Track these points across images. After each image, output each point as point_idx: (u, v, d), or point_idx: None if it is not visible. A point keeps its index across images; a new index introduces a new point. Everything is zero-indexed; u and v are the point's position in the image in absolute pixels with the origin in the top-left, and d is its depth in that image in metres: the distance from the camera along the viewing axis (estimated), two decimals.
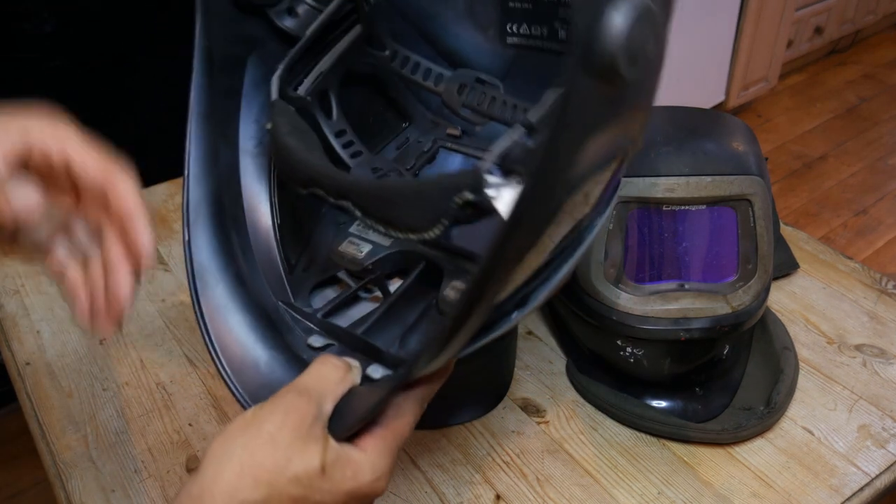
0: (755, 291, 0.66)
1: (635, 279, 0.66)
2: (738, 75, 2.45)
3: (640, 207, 0.65)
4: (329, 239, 0.62)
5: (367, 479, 0.41)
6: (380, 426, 0.42)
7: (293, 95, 0.59)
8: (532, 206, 0.33)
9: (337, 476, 0.40)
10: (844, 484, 0.63)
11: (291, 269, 0.59)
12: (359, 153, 0.61)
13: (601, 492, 0.63)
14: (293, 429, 0.40)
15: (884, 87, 2.89)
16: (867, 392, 0.71)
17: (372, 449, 0.42)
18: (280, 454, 0.39)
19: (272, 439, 0.39)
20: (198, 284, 0.53)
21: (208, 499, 0.38)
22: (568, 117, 0.31)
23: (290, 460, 0.39)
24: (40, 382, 0.73)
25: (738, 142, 0.67)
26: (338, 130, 0.62)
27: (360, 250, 0.60)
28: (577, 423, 0.69)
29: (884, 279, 0.84)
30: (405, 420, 0.43)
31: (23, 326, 0.80)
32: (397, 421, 0.43)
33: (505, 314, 0.44)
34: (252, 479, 0.38)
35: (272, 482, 0.39)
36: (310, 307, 0.57)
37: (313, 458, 0.40)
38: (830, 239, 2.13)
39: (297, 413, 0.41)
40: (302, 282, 0.60)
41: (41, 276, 0.87)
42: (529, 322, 0.80)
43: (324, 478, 0.40)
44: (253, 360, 0.52)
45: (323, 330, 0.55)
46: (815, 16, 2.73)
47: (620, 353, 0.68)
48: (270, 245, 0.59)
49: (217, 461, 0.39)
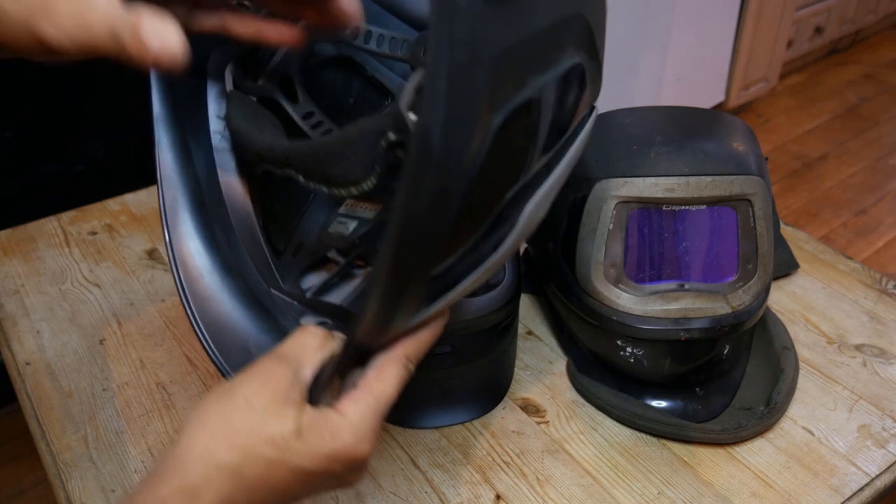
0: (755, 291, 0.66)
1: (635, 279, 0.66)
2: (738, 75, 2.45)
3: (640, 207, 0.65)
4: (320, 223, 0.62)
5: (347, 442, 0.40)
6: (359, 389, 0.42)
7: (250, 85, 0.58)
8: (447, 136, 0.32)
9: (314, 438, 0.39)
10: (844, 484, 0.63)
11: (279, 256, 0.59)
12: (329, 132, 0.61)
13: (601, 492, 0.63)
14: (269, 393, 0.40)
15: (884, 87, 2.89)
16: (867, 392, 0.71)
17: (352, 412, 0.41)
18: (255, 417, 0.39)
19: (247, 403, 0.39)
20: (184, 279, 0.53)
21: (183, 464, 0.38)
22: (456, 33, 0.31)
23: (265, 423, 0.39)
24: (40, 382, 0.73)
25: (738, 142, 0.67)
26: (305, 113, 0.61)
27: (347, 228, 0.59)
28: (577, 423, 0.69)
29: (884, 279, 0.84)
30: (387, 382, 0.42)
31: (23, 326, 0.80)
32: (379, 383, 0.42)
33: (480, 259, 0.42)
34: (227, 442, 0.38)
35: (247, 445, 0.38)
36: (300, 290, 0.57)
37: (288, 420, 0.39)
38: (830, 239, 2.13)
39: (274, 377, 0.40)
40: (291, 267, 0.59)
41: (41, 275, 0.87)
42: (529, 322, 0.80)
43: (300, 440, 0.39)
44: (246, 345, 0.52)
45: (313, 309, 0.55)
46: (815, 16, 2.73)
47: (620, 353, 0.68)
48: (256, 235, 0.58)
49: (193, 428, 0.39)
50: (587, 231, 0.66)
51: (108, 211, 0.98)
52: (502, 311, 0.70)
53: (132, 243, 0.92)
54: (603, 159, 0.67)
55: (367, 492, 0.63)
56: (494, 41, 0.34)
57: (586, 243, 0.66)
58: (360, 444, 0.40)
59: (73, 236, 0.93)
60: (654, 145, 0.65)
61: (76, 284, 0.85)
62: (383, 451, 0.67)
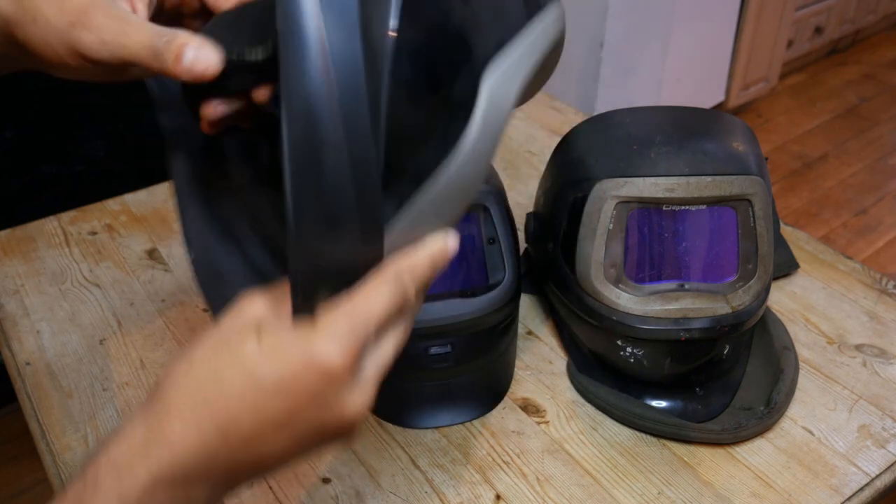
0: (755, 291, 0.66)
1: (635, 279, 0.66)
2: (738, 75, 2.45)
3: (640, 207, 0.65)
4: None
5: (315, 345, 0.36)
6: (339, 303, 0.38)
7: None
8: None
9: (277, 346, 0.37)
10: (844, 484, 0.63)
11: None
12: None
13: (601, 492, 0.63)
14: (238, 321, 0.38)
15: (884, 87, 2.89)
16: (867, 392, 0.71)
17: (322, 318, 0.37)
18: (220, 343, 0.38)
19: (215, 335, 0.38)
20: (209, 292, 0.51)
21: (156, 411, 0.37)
22: None
23: (228, 344, 0.37)
24: (40, 382, 0.73)
25: (738, 142, 0.67)
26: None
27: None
28: (577, 423, 0.69)
29: (884, 279, 0.84)
30: (371, 295, 0.38)
31: (23, 326, 0.80)
32: (361, 296, 0.38)
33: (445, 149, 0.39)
34: (195, 377, 0.37)
35: (213, 371, 0.37)
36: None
37: (251, 337, 0.37)
38: (830, 239, 2.13)
39: (245, 308, 0.39)
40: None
41: (41, 275, 0.87)
42: (529, 322, 0.80)
43: (263, 352, 0.37)
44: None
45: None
46: (815, 16, 2.73)
47: (620, 353, 0.68)
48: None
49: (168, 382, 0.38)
50: (587, 231, 0.66)
51: (108, 211, 0.98)
52: (502, 311, 0.70)
53: (132, 243, 0.92)
54: (603, 159, 0.67)
55: (367, 492, 0.63)
56: None
57: (586, 243, 0.66)
58: (331, 347, 0.36)
59: (73, 236, 0.93)
60: (654, 145, 0.65)
61: (76, 284, 0.85)
62: (383, 450, 0.67)
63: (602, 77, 2.00)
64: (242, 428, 0.36)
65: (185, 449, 0.36)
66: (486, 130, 0.40)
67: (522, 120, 1.16)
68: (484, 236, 0.70)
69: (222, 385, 0.37)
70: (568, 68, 2.01)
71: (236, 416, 0.36)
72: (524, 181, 1.02)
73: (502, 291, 0.69)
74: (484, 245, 0.70)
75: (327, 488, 0.63)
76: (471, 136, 0.39)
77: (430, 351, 0.68)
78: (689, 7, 2.09)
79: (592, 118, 0.75)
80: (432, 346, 0.68)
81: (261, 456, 0.38)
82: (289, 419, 0.37)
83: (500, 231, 0.70)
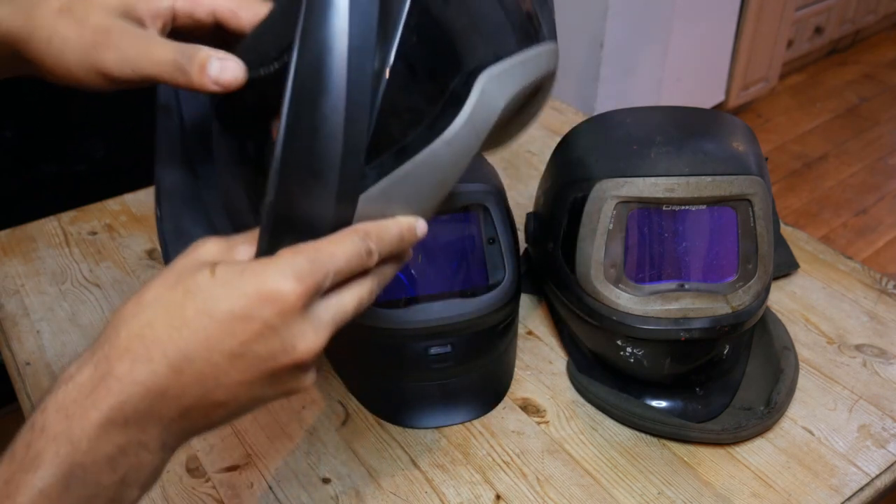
0: (755, 291, 0.66)
1: (635, 279, 0.66)
2: (738, 75, 2.45)
3: (640, 207, 0.65)
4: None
5: (266, 275, 0.36)
6: (301, 246, 0.39)
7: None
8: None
9: (229, 276, 0.37)
10: (844, 484, 0.63)
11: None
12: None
13: (601, 492, 0.63)
14: (188, 258, 0.39)
15: (884, 87, 2.89)
16: (867, 392, 0.71)
17: (282, 257, 0.37)
18: (170, 277, 0.38)
19: (164, 273, 0.39)
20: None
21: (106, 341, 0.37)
22: None
23: (179, 278, 0.38)
24: (40, 382, 0.73)
25: (738, 142, 0.67)
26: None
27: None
28: (577, 423, 0.69)
29: (884, 279, 0.84)
30: (335, 244, 0.39)
31: (23, 326, 0.80)
32: (325, 242, 0.39)
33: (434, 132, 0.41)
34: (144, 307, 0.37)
35: (160, 300, 0.37)
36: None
37: (205, 269, 0.37)
38: (830, 239, 2.13)
39: (199, 248, 0.40)
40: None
41: (41, 275, 0.87)
42: (529, 322, 0.80)
43: (214, 280, 0.37)
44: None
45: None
46: (815, 16, 2.73)
47: (620, 353, 0.68)
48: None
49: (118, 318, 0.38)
50: (587, 231, 0.66)
51: (108, 211, 0.98)
52: (502, 311, 0.70)
53: (132, 243, 0.92)
54: (603, 159, 0.67)
55: (367, 492, 0.63)
56: None
57: (586, 243, 0.66)
58: (284, 280, 0.36)
59: (73, 236, 0.93)
60: (654, 145, 0.65)
61: (76, 284, 0.85)
62: (383, 450, 0.67)
63: (602, 77, 2.00)
64: (194, 360, 0.36)
65: (134, 386, 0.36)
66: (472, 124, 0.41)
67: None
68: (484, 236, 0.70)
69: (172, 318, 0.36)
70: (568, 68, 2.01)
71: (187, 349, 0.36)
72: (524, 181, 1.02)
73: (502, 291, 0.69)
74: (484, 245, 0.70)
75: (327, 488, 0.63)
76: (457, 125, 0.41)
77: (430, 351, 0.68)
78: (689, 7, 2.09)
79: (592, 118, 0.75)
80: (432, 346, 0.68)
81: (213, 392, 0.37)
82: (240, 350, 0.37)
83: (500, 231, 0.70)
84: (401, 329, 0.67)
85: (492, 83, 0.42)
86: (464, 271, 0.70)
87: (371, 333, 0.68)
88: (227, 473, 0.64)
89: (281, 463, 0.65)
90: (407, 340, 0.68)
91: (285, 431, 0.68)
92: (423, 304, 0.67)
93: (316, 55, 0.36)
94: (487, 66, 0.42)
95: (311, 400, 0.71)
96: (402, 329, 0.67)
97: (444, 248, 0.70)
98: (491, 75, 0.42)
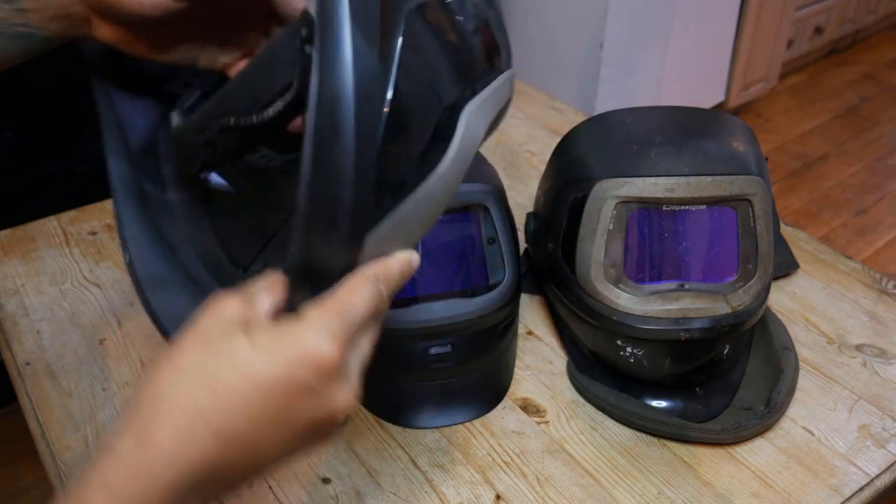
0: (755, 291, 0.66)
1: (635, 279, 0.66)
2: (738, 75, 2.45)
3: (640, 207, 0.65)
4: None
5: (307, 339, 0.37)
6: (322, 298, 0.39)
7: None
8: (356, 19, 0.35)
9: (269, 342, 0.37)
10: (844, 484, 0.63)
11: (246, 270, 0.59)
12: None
13: (601, 492, 0.63)
14: (220, 320, 0.38)
15: (884, 87, 2.89)
16: (867, 392, 0.71)
17: (312, 313, 0.38)
18: (207, 347, 0.37)
19: (197, 336, 0.38)
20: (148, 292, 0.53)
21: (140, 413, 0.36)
22: None
23: (217, 346, 0.37)
24: (40, 382, 0.73)
25: (738, 142, 0.67)
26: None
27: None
28: (577, 423, 0.69)
29: (884, 279, 0.84)
30: (355, 292, 0.39)
31: (23, 326, 0.80)
32: (345, 292, 0.39)
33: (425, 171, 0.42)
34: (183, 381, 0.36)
35: (200, 370, 0.36)
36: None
37: (240, 336, 0.37)
38: (830, 239, 2.13)
39: (223, 306, 0.39)
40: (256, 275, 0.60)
41: (41, 275, 0.87)
42: (529, 322, 0.80)
43: (254, 349, 0.37)
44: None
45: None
46: (815, 16, 2.73)
47: (620, 353, 0.68)
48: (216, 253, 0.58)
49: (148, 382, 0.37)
50: (587, 231, 0.66)
51: (108, 211, 0.98)
52: (502, 311, 0.70)
53: None
54: (603, 159, 0.67)
55: (367, 492, 0.63)
56: None
57: (586, 243, 0.66)
58: (323, 341, 0.37)
59: (73, 236, 0.93)
60: (654, 145, 0.65)
61: (76, 284, 0.85)
62: (383, 450, 0.67)
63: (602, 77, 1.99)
64: (239, 429, 0.36)
65: (182, 465, 0.35)
66: (460, 157, 0.43)
67: (522, 120, 1.16)
68: (484, 236, 0.70)
69: (215, 387, 0.36)
70: (568, 68, 2.01)
71: (233, 418, 0.36)
72: (524, 181, 1.02)
73: (502, 291, 0.69)
74: (484, 245, 0.70)
75: (327, 488, 0.63)
76: (447, 159, 0.42)
77: (430, 351, 0.68)
78: (689, 7, 2.09)
79: (592, 118, 0.75)
80: (432, 346, 0.68)
81: (255, 456, 0.37)
82: (284, 415, 0.37)
83: (500, 231, 0.70)
84: (401, 329, 0.67)
85: (474, 115, 0.44)
86: (464, 271, 0.70)
87: None
88: None
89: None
90: (407, 340, 0.68)
91: None
92: (423, 303, 0.67)
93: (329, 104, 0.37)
94: (470, 98, 0.44)
95: None
96: (403, 329, 0.67)
97: (445, 248, 0.70)
98: (472, 107, 0.44)
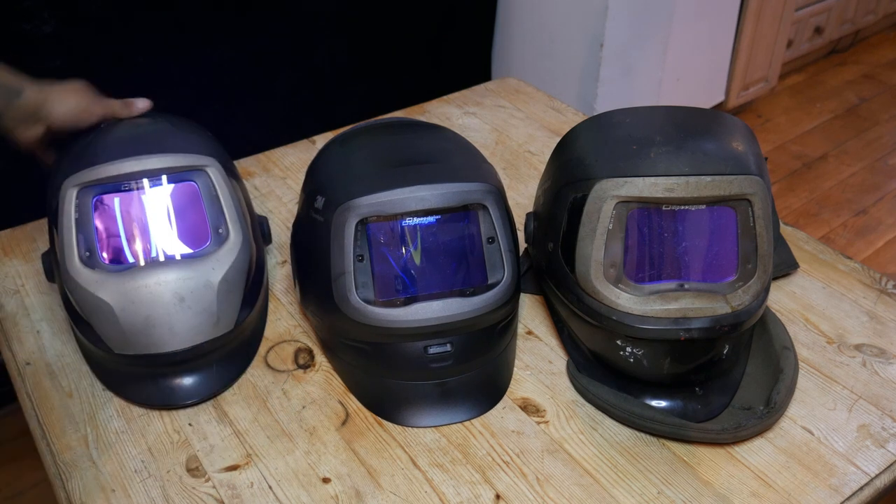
0: (755, 291, 0.66)
1: (635, 279, 0.66)
2: (738, 75, 2.45)
3: (639, 207, 0.65)
4: None
5: None
6: None
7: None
8: None
9: None
10: (844, 484, 0.63)
11: None
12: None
13: (601, 492, 0.63)
14: None
15: (884, 87, 2.89)
16: (867, 392, 0.71)
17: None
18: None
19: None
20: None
21: None
22: None
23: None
24: (40, 382, 0.73)
25: (738, 142, 0.67)
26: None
27: None
28: (577, 423, 0.69)
29: (884, 279, 0.84)
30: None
31: (23, 326, 0.80)
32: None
33: None
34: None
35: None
36: None
37: None
38: (830, 239, 2.13)
39: None
40: None
41: (41, 275, 0.86)
42: (529, 322, 0.80)
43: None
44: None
45: None
46: (815, 16, 2.73)
47: (620, 352, 0.68)
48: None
49: None
50: (587, 231, 0.66)
51: None
52: (501, 311, 0.70)
53: None
54: (603, 159, 0.67)
55: (367, 492, 0.63)
56: None
57: (586, 243, 0.66)
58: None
59: None
60: (654, 145, 0.65)
61: None
62: (383, 450, 0.67)
63: (602, 77, 1.99)
64: None
65: None
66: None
67: (522, 120, 1.16)
68: (483, 236, 0.70)
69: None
70: (568, 68, 2.01)
71: None
72: (524, 181, 1.02)
73: (501, 291, 0.69)
74: (483, 244, 0.70)
75: (327, 488, 0.63)
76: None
77: (429, 350, 0.68)
78: (689, 7, 2.08)
79: (592, 118, 0.75)
80: (431, 345, 0.68)
81: None
82: None
83: (500, 231, 0.70)
84: (400, 328, 0.67)
85: None
86: (463, 271, 0.70)
87: (371, 333, 0.68)
88: (227, 473, 0.65)
89: (281, 463, 0.65)
90: (406, 339, 0.68)
91: (285, 431, 0.68)
92: (422, 303, 0.67)
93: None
94: None
95: (311, 400, 0.71)
96: (402, 328, 0.67)
97: (444, 247, 0.70)
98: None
